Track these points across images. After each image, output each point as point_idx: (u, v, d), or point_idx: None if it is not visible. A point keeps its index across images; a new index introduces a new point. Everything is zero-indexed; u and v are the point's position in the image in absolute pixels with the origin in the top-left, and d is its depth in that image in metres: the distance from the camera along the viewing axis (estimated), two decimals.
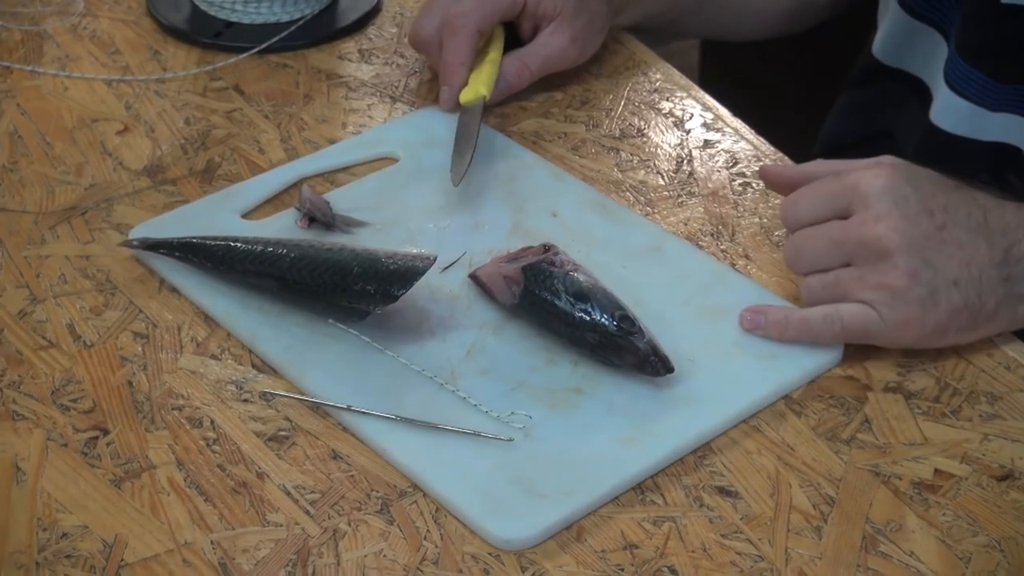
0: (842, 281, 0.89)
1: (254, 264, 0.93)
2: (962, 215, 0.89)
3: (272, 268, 0.92)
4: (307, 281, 0.91)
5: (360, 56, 1.22)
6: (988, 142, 1.08)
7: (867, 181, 0.89)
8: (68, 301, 0.95)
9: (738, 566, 0.78)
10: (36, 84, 1.18)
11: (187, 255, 0.95)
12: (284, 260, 0.92)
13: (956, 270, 0.88)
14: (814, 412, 0.88)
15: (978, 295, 0.88)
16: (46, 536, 0.79)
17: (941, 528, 0.81)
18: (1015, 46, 1.05)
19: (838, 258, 0.90)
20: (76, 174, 1.07)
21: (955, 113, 1.09)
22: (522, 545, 0.79)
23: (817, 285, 0.91)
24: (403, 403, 0.86)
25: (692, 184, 1.07)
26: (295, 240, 0.95)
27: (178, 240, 0.96)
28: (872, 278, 0.88)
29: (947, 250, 0.88)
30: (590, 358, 0.90)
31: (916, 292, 0.87)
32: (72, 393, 0.88)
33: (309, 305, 0.92)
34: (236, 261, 0.94)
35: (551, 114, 1.15)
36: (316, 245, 0.93)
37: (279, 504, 0.81)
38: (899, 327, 0.88)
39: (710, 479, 0.84)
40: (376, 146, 1.10)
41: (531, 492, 0.81)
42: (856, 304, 0.89)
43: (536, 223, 1.01)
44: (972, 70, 1.07)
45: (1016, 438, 0.87)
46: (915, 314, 0.88)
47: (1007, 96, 1.06)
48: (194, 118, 1.14)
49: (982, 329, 0.90)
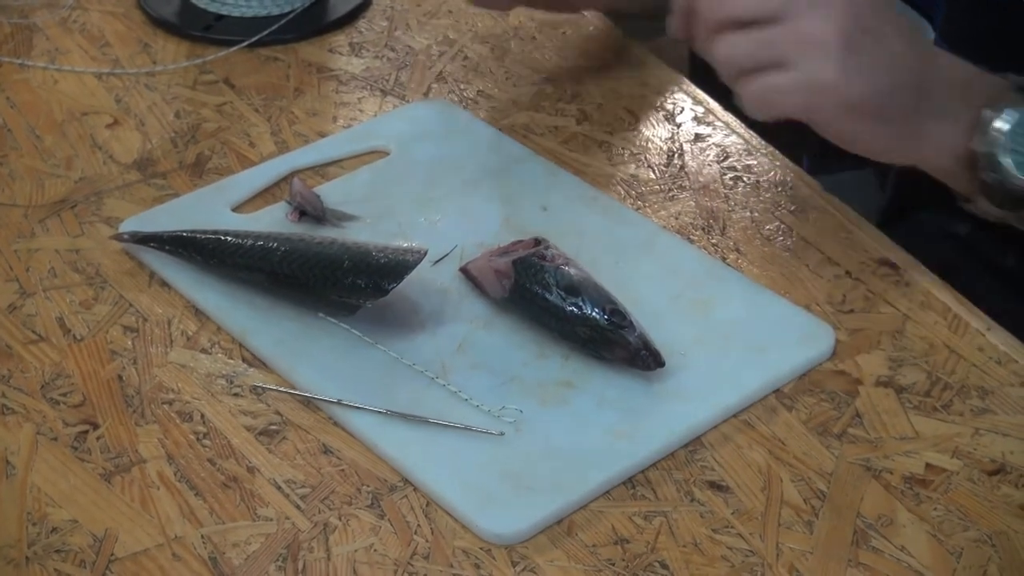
0: (773, 34, 0.88)
1: (244, 258, 0.93)
2: (893, 27, 0.90)
3: (262, 262, 0.92)
4: (297, 275, 0.91)
5: (351, 49, 1.22)
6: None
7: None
8: (58, 295, 0.95)
9: (729, 561, 0.78)
10: (25, 77, 1.17)
11: (177, 249, 0.95)
12: (275, 254, 0.92)
13: (886, 59, 0.88)
14: (805, 407, 0.88)
15: (896, 86, 0.89)
16: (36, 531, 0.79)
17: (932, 523, 0.81)
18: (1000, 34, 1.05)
19: (768, 10, 0.88)
20: (66, 167, 1.07)
21: None
22: (513, 539, 0.79)
23: (742, 40, 0.89)
24: (394, 397, 0.86)
25: (683, 178, 1.07)
26: (285, 234, 0.95)
27: (168, 234, 0.96)
28: (806, 28, 0.87)
29: (879, 42, 0.88)
30: (581, 352, 0.90)
31: (847, 53, 0.86)
32: (62, 387, 0.88)
33: (300, 299, 0.92)
34: (227, 255, 0.94)
35: (542, 108, 1.15)
36: (307, 239, 0.93)
37: (269, 498, 0.81)
38: (822, 88, 0.87)
39: (701, 474, 0.84)
40: (367, 139, 1.10)
41: (522, 486, 0.81)
42: (777, 70, 0.88)
43: (527, 217, 1.01)
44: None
45: (1007, 432, 0.87)
46: (840, 77, 0.87)
47: None
48: (184, 111, 1.13)
49: (893, 127, 0.91)
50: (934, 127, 0.92)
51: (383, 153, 1.09)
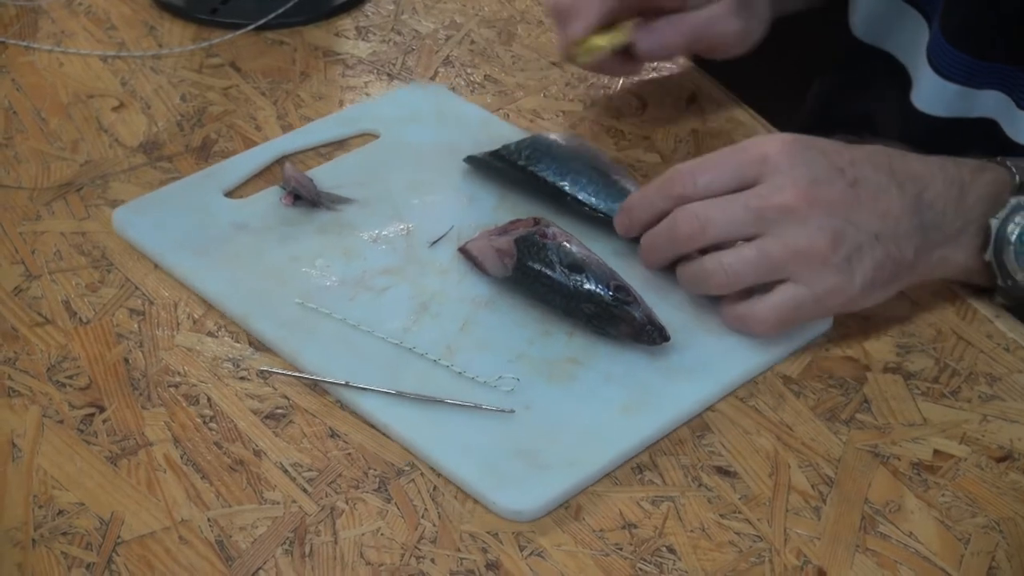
0: (768, 253, 0.86)
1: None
2: (870, 168, 0.89)
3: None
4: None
5: (357, 33, 1.22)
6: (974, 119, 1.08)
7: (774, 148, 0.88)
8: (63, 277, 0.95)
9: (737, 546, 0.78)
10: (31, 60, 1.17)
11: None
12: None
13: (876, 224, 0.87)
14: (813, 392, 0.88)
15: (897, 246, 0.88)
16: (42, 513, 0.79)
17: (940, 509, 0.81)
18: (1000, 26, 1.04)
19: (753, 227, 0.87)
20: (72, 150, 1.06)
21: (941, 96, 1.09)
22: (531, 516, 0.79)
23: (737, 262, 0.87)
24: (400, 379, 0.86)
25: None
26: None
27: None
28: (798, 243, 0.86)
29: (864, 205, 0.87)
30: (585, 329, 0.90)
31: (842, 252, 0.86)
32: (68, 370, 0.88)
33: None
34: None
35: (549, 92, 1.15)
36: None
37: (276, 482, 0.81)
38: (829, 294, 0.87)
39: (708, 459, 0.83)
40: (356, 123, 1.10)
41: (536, 463, 0.81)
42: (783, 287, 0.87)
43: (522, 197, 1.01)
44: (957, 52, 1.07)
45: (1015, 419, 0.86)
46: (843, 278, 0.86)
47: (992, 74, 1.06)
48: (190, 95, 1.13)
49: (903, 280, 0.90)
50: (942, 252, 0.90)
51: (372, 136, 1.09)
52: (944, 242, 0.90)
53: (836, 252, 0.86)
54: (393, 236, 0.98)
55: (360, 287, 0.93)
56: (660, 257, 0.92)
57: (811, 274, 0.86)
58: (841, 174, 0.88)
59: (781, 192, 0.87)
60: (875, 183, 0.88)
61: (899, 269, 0.89)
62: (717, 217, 0.88)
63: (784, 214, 0.86)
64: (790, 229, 0.86)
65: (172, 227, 0.97)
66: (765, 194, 0.87)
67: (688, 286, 0.91)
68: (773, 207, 0.87)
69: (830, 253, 0.86)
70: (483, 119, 1.10)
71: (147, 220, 0.98)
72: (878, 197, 0.88)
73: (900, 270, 0.89)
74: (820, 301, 0.87)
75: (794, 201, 0.86)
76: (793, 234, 0.86)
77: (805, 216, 0.86)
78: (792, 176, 0.87)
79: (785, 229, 0.86)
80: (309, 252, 0.96)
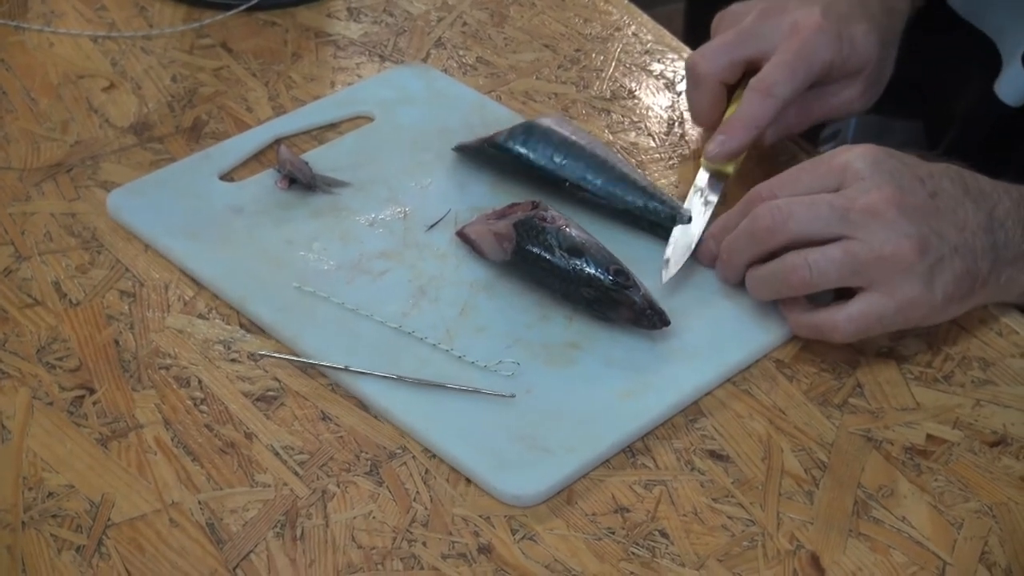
0: (854, 254, 0.85)
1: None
2: (947, 181, 0.88)
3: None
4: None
5: (349, 14, 1.21)
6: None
7: (855, 157, 0.87)
8: (53, 259, 0.94)
9: (729, 530, 0.78)
10: (21, 39, 1.16)
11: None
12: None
13: (955, 236, 0.86)
14: (806, 376, 0.88)
15: (975, 260, 0.87)
16: (32, 495, 0.78)
17: (933, 493, 0.81)
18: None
19: (837, 227, 0.85)
20: (62, 131, 1.06)
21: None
22: (532, 501, 0.79)
23: (822, 259, 0.85)
24: (399, 363, 0.85)
25: (683, 146, 1.06)
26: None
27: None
28: (884, 247, 0.84)
29: (945, 217, 0.86)
30: (585, 313, 0.89)
31: (927, 261, 0.85)
32: (58, 352, 0.87)
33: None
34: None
35: (541, 75, 1.14)
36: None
37: (267, 465, 0.81)
38: (911, 305, 0.85)
39: (701, 443, 0.83)
40: (350, 105, 1.09)
41: (536, 447, 0.81)
42: (864, 295, 0.86)
43: (518, 181, 1.01)
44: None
45: (1008, 404, 0.86)
46: (925, 288, 0.85)
47: None
48: (181, 75, 1.12)
49: (977, 297, 0.89)
50: (1010, 272, 0.89)
51: (366, 119, 1.08)
52: (1013, 261, 0.89)
53: (922, 260, 0.85)
54: (390, 219, 0.97)
55: (357, 271, 0.93)
56: (739, 260, 0.90)
57: (894, 282, 0.85)
58: (922, 184, 0.87)
59: (867, 195, 0.85)
60: (952, 196, 0.87)
61: (975, 284, 0.87)
62: (800, 212, 0.86)
63: (871, 216, 0.85)
64: (877, 233, 0.85)
65: (167, 210, 0.97)
66: (851, 195, 0.86)
67: (761, 287, 0.89)
68: (859, 208, 0.85)
69: (916, 260, 0.84)
70: (476, 101, 1.09)
71: (142, 203, 0.98)
72: (956, 210, 0.87)
73: (975, 285, 0.87)
74: (902, 311, 0.86)
75: (881, 204, 0.85)
76: (880, 238, 0.85)
77: (892, 220, 0.85)
78: (876, 181, 0.86)
79: (871, 232, 0.85)
80: (306, 236, 0.95)
